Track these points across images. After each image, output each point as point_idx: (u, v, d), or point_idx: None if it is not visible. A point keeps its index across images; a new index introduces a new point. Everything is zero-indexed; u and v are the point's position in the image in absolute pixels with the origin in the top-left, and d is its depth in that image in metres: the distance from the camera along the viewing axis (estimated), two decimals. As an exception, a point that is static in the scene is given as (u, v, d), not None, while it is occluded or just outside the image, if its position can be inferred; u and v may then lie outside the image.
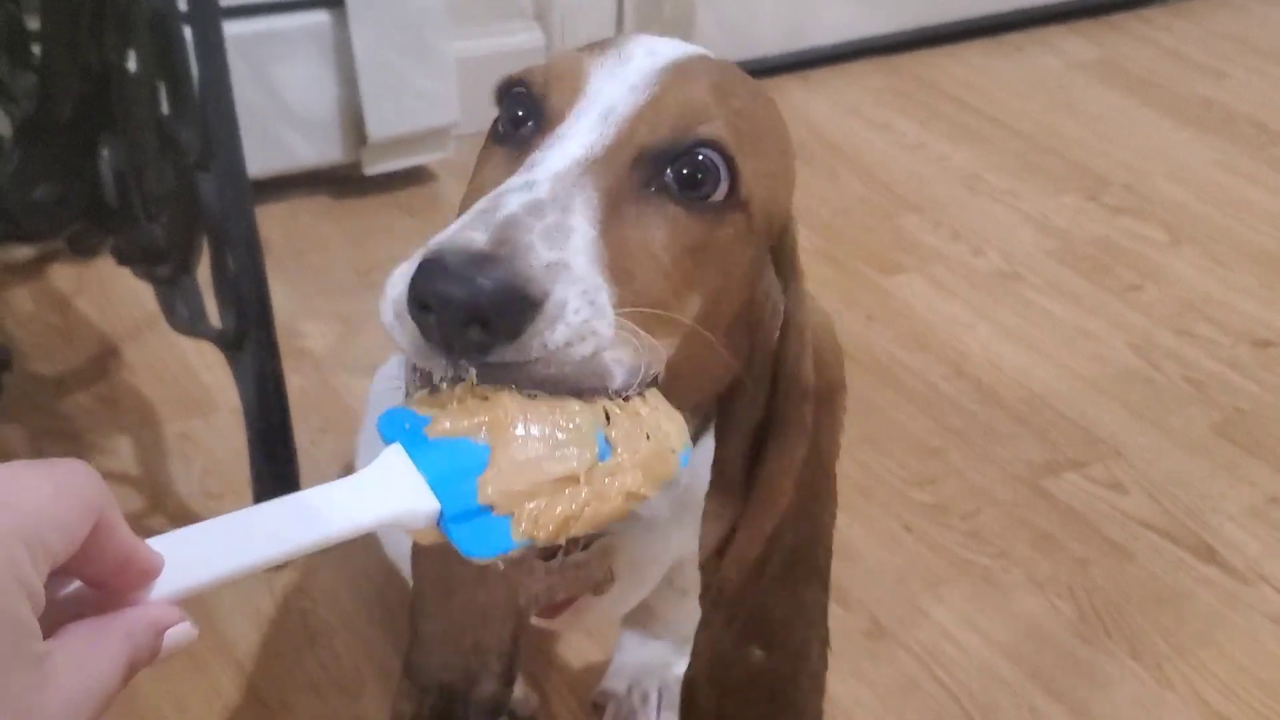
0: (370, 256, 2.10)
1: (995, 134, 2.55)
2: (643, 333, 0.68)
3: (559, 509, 0.62)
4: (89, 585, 0.53)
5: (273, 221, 2.11)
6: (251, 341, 1.47)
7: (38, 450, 1.67)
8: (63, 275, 2.01)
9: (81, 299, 1.96)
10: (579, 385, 0.66)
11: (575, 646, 1.44)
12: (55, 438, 1.69)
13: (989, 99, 2.69)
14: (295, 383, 1.59)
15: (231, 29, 1.37)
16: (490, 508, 0.61)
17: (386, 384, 1.19)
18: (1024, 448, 1.73)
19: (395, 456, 0.62)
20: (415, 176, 2.31)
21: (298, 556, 0.57)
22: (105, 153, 1.56)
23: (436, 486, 0.61)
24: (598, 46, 0.80)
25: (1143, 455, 1.72)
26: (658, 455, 0.66)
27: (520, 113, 0.77)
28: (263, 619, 1.45)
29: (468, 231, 0.65)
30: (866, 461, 1.70)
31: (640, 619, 1.34)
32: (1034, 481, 1.68)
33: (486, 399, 0.64)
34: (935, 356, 1.90)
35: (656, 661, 1.34)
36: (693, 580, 1.24)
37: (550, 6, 2.42)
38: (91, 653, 0.51)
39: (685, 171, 0.75)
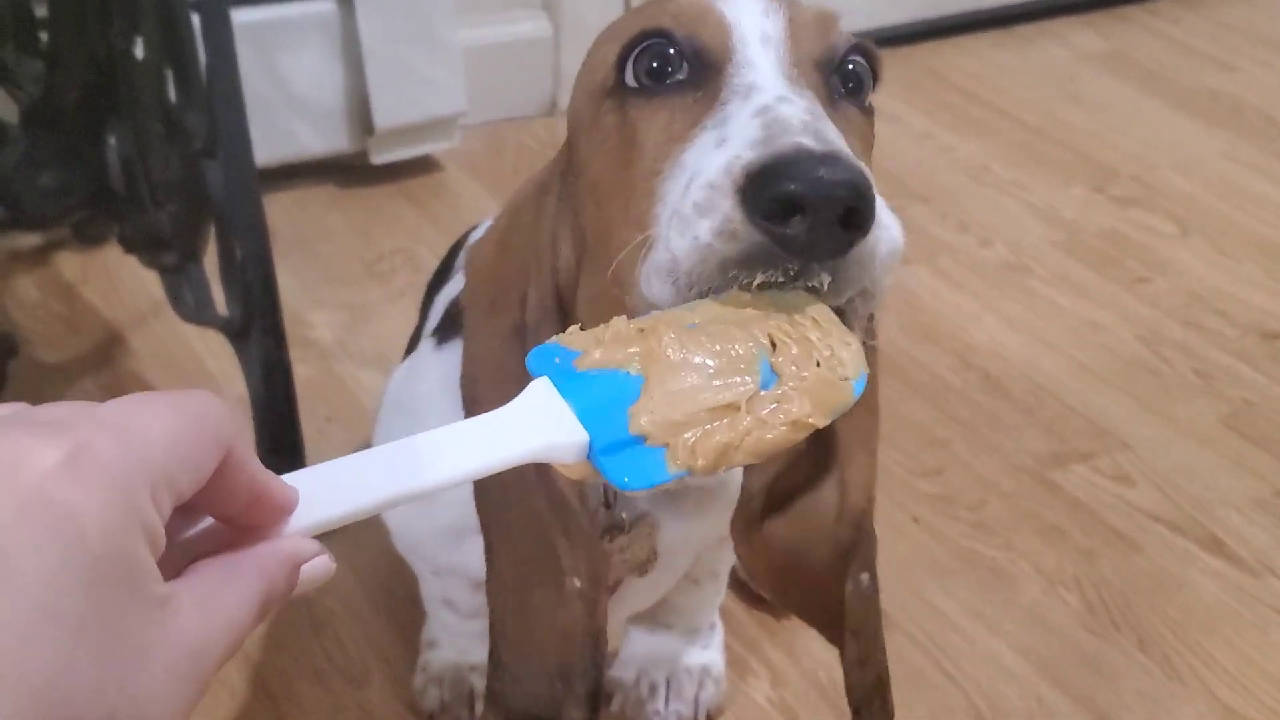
0: (377, 246, 2.10)
1: (1003, 125, 2.55)
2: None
3: (717, 437, 0.58)
4: (221, 521, 0.51)
5: (279, 210, 2.10)
6: (258, 330, 1.46)
7: (43, 438, 1.67)
8: (68, 263, 2.01)
9: (87, 287, 1.96)
10: (875, 289, 0.67)
11: (581, 636, 1.44)
12: (61, 425, 1.69)
13: (997, 90, 2.68)
14: (301, 372, 1.59)
15: (238, 17, 1.37)
16: (643, 438, 0.58)
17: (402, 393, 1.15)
18: (1031, 439, 1.73)
19: (542, 389, 0.59)
20: (422, 166, 2.30)
21: (439, 491, 0.54)
22: (112, 140, 1.57)
23: (585, 418, 0.58)
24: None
25: (1150, 447, 1.72)
26: (827, 382, 0.62)
27: (659, 63, 0.75)
28: (268, 607, 1.45)
29: (785, 138, 0.64)
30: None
31: (651, 612, 1.33)
32: (1041, 473, 1.67)
33: (643, 331, 0.61)
34: (942, 348, 1.90)
35: (665, 652, 1.34)
36: (707, 570, 1.24)
37: (557, -4, 2.42)
38: (220, 591, 0.48)
39: (845, 79, 0.77)
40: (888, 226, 0.66)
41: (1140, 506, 1.62)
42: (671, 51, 0.75)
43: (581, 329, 0.63)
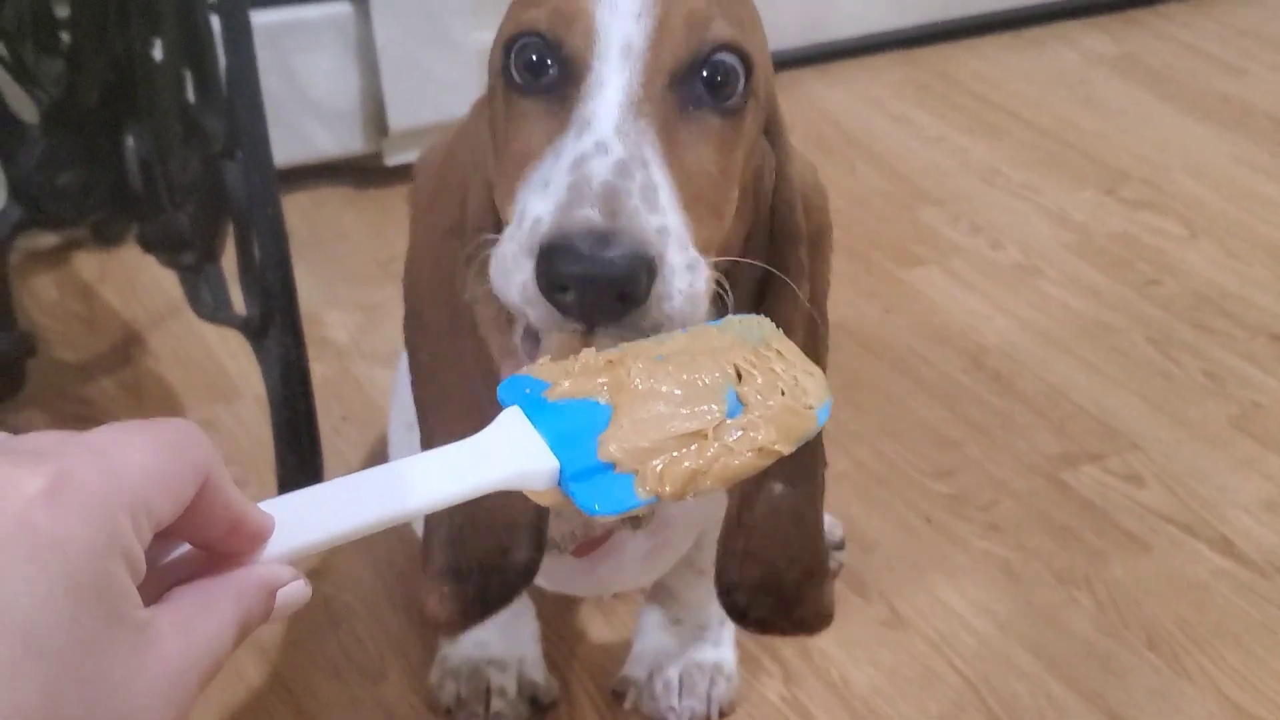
0: (391, 246, 2.11)
1: (1014, 128, 2.56)
2: (709, 263, 0.76)
3: (685, 464, 0.60)
4: (198, 548, 0.52)
5: (295, 211, 2.11)
6: (276, 329, 1.48)
7: (62, 436, 1.68)
8: (87, 263, 2.03)
9: (106, 286, 1.98)
10: (682, 324, 0.73)
11: (595, 632, 1.45)
12: (79, 424, 1.69)
13: (1008, 93, 2.69)
14: (318, 371, 1.61)
15: (255, 19, 1.38)
16: (612, 465, 0.60)
17: None
18: (1042, 440, 1.74)
19: (513, 418, 0.61)
20: (436, 167, 2.31)
21: (412, 519, 0.57)
22: (131, 140, 1.58)
23: (556, 446, 0.60)
24: None
25: (1160, 448, 1.73)
26: (792, 410, 0.64)
27: (534, 60, 0.79)
28: (285, 604, 1.46)
29: (577, 210, 0.70)
30: (885, 452, 1.71)
31: (659, 601, 1.35)
32: (1052, 473, 1.68)
33: (611, 363, 0.64)
34: (953, 349, 1.91)
35: (676, 648, 1.35)
36: (710, 560, 1.24)
37: (571, -2, 2.43)
38: (199, 617, 0.49)
39: (710, 78, 0.79)
40: (679, 289, 0.72)
41: (1151, 507, 1.63)
42: (543, 49, 0.79)
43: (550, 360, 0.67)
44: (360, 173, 2.29)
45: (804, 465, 0.99)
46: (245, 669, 1.39)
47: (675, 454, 0.60)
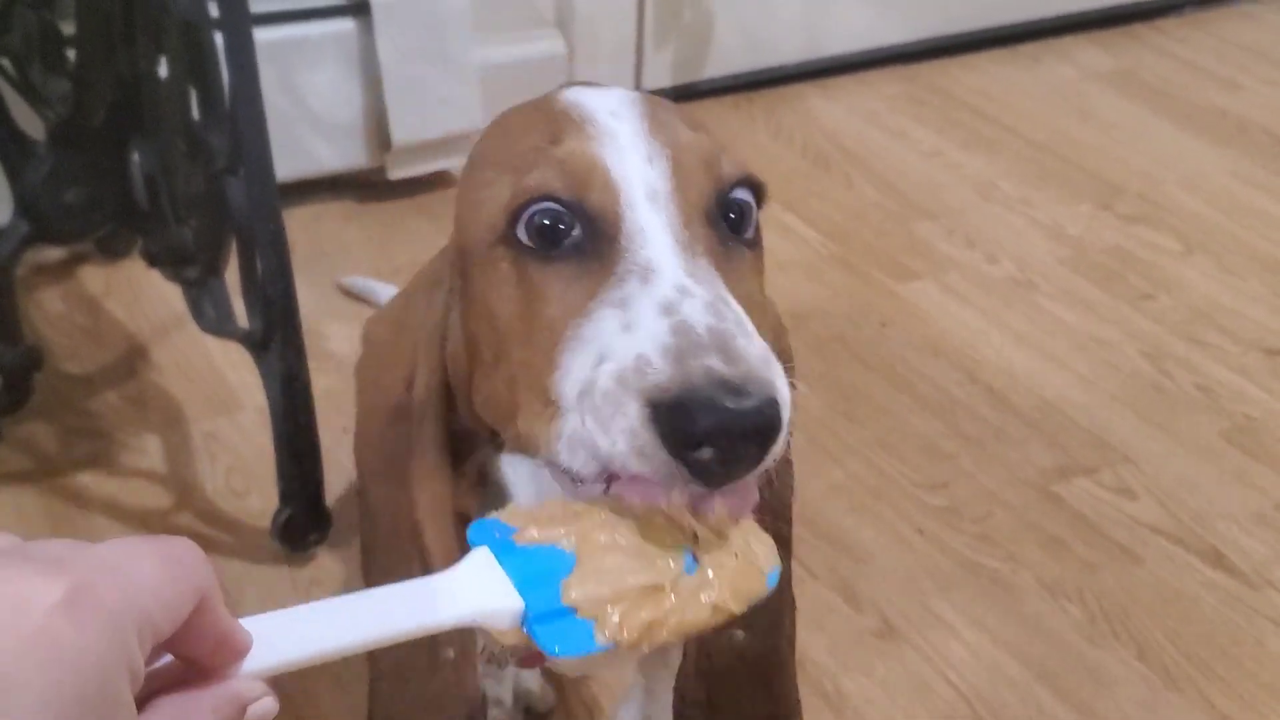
0: (394, 260, 2.13)
1: (1010, 142, 2.58)
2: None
3: (643, 615, 0.62)
4: (181, 659, 0.54)
5: (297, 225, 2.13)
6: (278, 342, 1.49)
7: (67, 448, 1.70)
8: (92, 276, 2.05)
9: (111, 300, 2.00)
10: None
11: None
12: (84, 436, 1.72)
13: (1004, 108, 2.71)
14: (319, 384, 1.62)
15: (258, 36, 1.40)
16: (574, 609, 0.62)
17: None
18: (1035, 453, 1.76)
19: (482, 557, 0.64)
20: (438, 181, 2.34)
21: (380, 646, 0.59)
22: (136, 157, 1.60)
23: (521, 587, 0.62)
24: (555, 128, 0.78)
25: (1152, 461, 1.75)
26: (745, 573, 0.66)
27: (550, 223, 0.74)
28: (287, 614, 1.48)
29: (697, 360, 0.64)
30: (879, 464, 1.72)
31: (639, 686, 1.28)
32: (1044, 486, 1.70)
33: (576, 513, 0.66)
34: (948, 362, 1.93)
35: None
36: (675, 655, 1.21)
37: (572, 15, 2.45)
38: None
39: (732, 216, 0.77)
40: (785, 403, 0.66)
41: (1142, 519, 1.65)
42: (561, 213, 0.74)
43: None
44: (363, 187, 2.31)
45: (770, 612, 0.95)
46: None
47: (634, 604, 0.62)
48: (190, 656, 0.54)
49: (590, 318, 0.70)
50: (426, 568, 0.83)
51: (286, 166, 1.81)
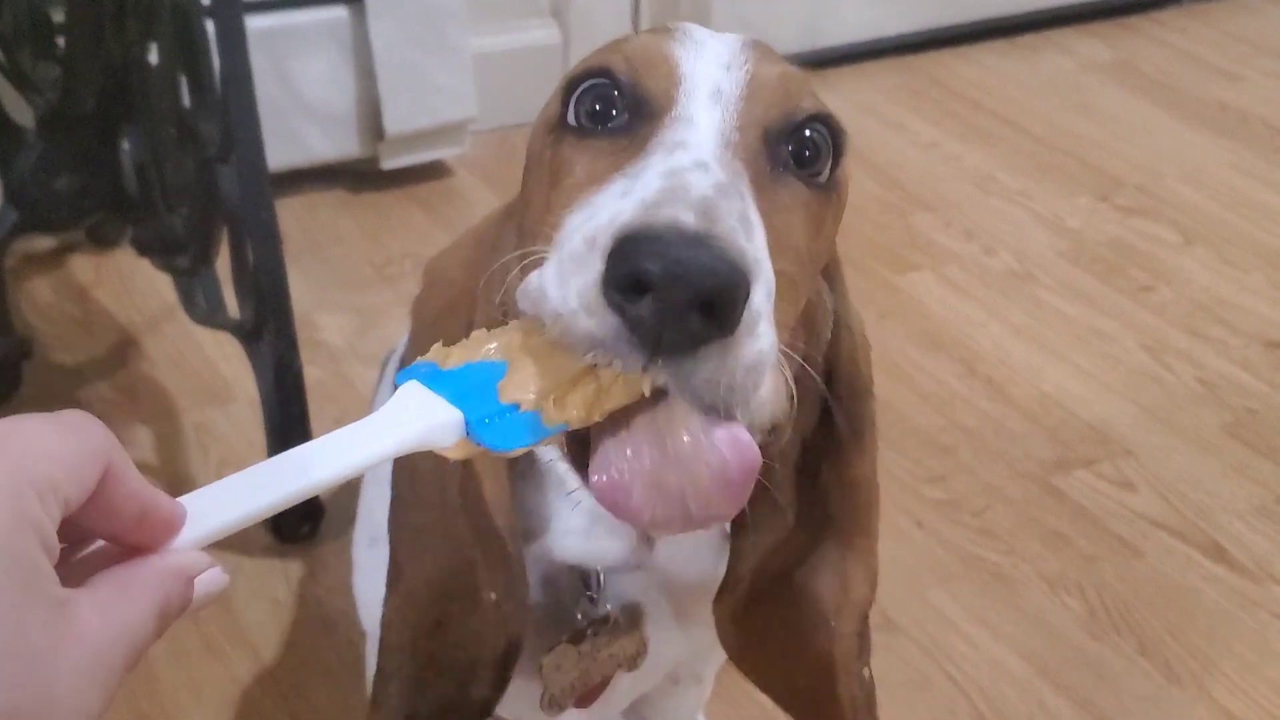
0: (386, 250, 2.11)
1: (1009, 134, 2.56)
2: (785, 369, 0.65)
3: (587, 389, 0.61)
4: (110, 541, 0.52)
5: (290, 215, 2.12)
6: (270, 332, 1.48)
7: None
8: (82, 266, 2.03)
9: (101, 290, 1.98)
10: (744, 398, 0.61)
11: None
12: (74, 427, 1.70)
13: (1003, 100, 2.70)
14: (311, 374, 1.61)
15: (251, 23, 1.39)
16: (515, 405, 0.61)
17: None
18: (1035, 446, 1.74)
19: (412, 388, 0.62)
20: (432, 171, 2.32)
21: (324, 490, 0.56)
22: (126, 144, 1.58)
23: (457, 401, 0.61)
24: (648, 34, 0.77)
25: (1153, 454, 1.73)
26: None
27: (600, 105, 0.72)
28: (279, 607, 1.47)
29: (667, 209, 0.59)
30: (878, 457, 1.70)
31: (626, 711, 1.27)
32: (1044, 479, 1.69)
33: (499, 332, 0.64)
34: (947, 355, 1.91)
35: None
36: (689, 671, 1.18)
37: (568, 4, 2.43)
38: (119, 600, 0.49)
39: (799, 149, 0.72)
40: (759, 336, 0.60)
41: (1143, 513, 1.64)
42: (614, 94, 0.72)
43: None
44: (356, 177, 2.29)
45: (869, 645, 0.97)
46: (239, 671, 1.39)
47: (572, 388, 0.61)
48: (115, 533, 0.51)
49: (605, 187, 0.66)
50: (482, 522, 0.81)
51: (279, 156, 1.80)
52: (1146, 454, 1.73)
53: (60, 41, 1.56)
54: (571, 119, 0.74)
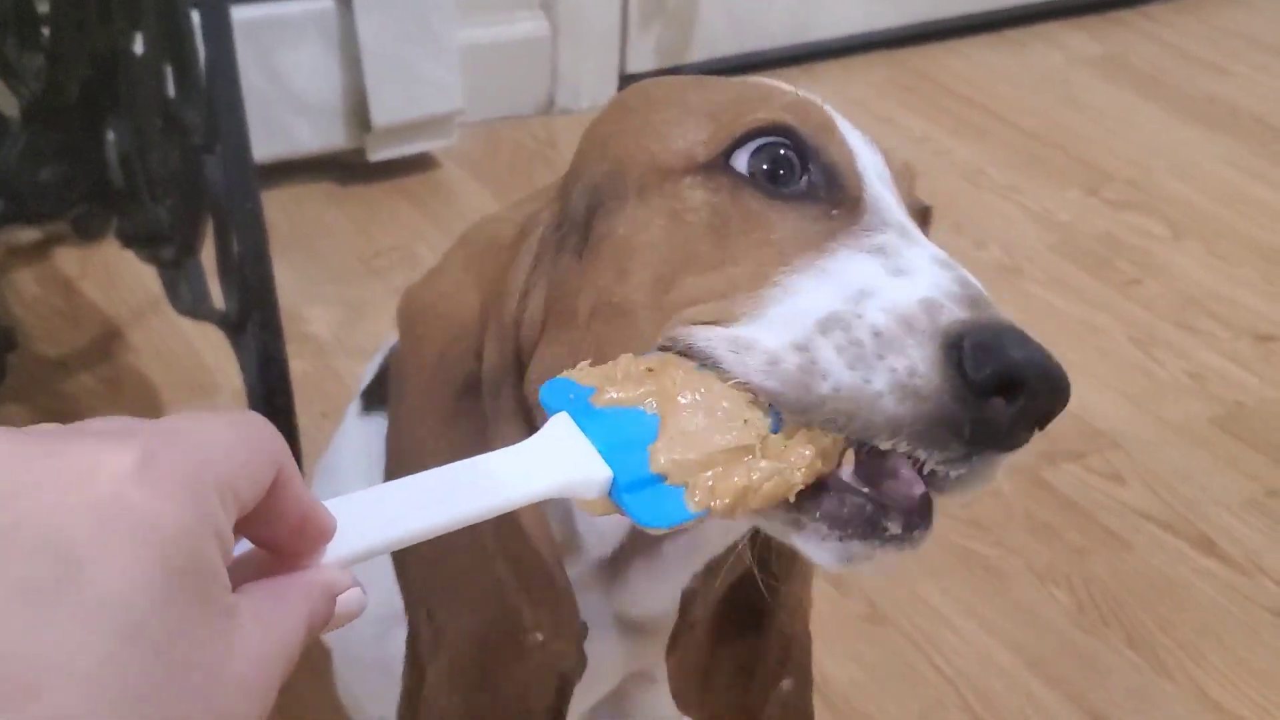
0: (374, 243, 2.11)
1: (998, 129, 2.56)
2: None
3: (736, 478, 0.58)
4: (262, 545, 0.50)
5: (277, 207, 2.11)
6: (255, 324, 1.47)
7: (41, 431, 1.67)
8: (67, 258, 2.02)
9: (86, 281, 1.97)
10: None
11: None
12: (59, 419, 1.67)
13: (992, 94, 2.69)
14: (298, 367, 1.60)
15: (237, 14, 1.38)
16: (663, 476, 0.58)
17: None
18: (1024, 438, 1.74)
19: (563, 425, 0.59)
20: (419, 163, 2.31)
21: (468, 524, 0.54)
22: (111, 135, 1.57)
23: (607, 455, 0.58)
24: (762, 90, 0.75)
25: (1142, 447, 1.73)
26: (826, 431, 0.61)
27: (780, 165, 0.69)
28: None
29: (994, 312, 0.60)
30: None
31: (608, 705, 1.22)
32: (1033, 471, 1.68)
33: (652, 370, 0.61)
34: (937, 348, 1.90)
35: None
36: (662, 669, 1.18)
37: (556, -4, 2.43)
38: (275, 609, 0.47)
39: None
40: None
41: (1132, 505, 1.63)
42: (790, 153, 0.69)
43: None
44: (343, 168, 2.28)
45: (803, 659, 0.95)
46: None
47: (725, 469, 0.58)
48: (271, 539, 0.49)
49: (834, 255, 0.64)
50: (525, 558, 0.77)
51: (265, 147, 1.79)
52: (1136, 447, 1.73)
53: (45, 31, 1.55)
54: (744, 169, 0.70)
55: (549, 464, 0.57)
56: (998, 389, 0.57)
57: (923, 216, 0.76)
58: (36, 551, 0.39)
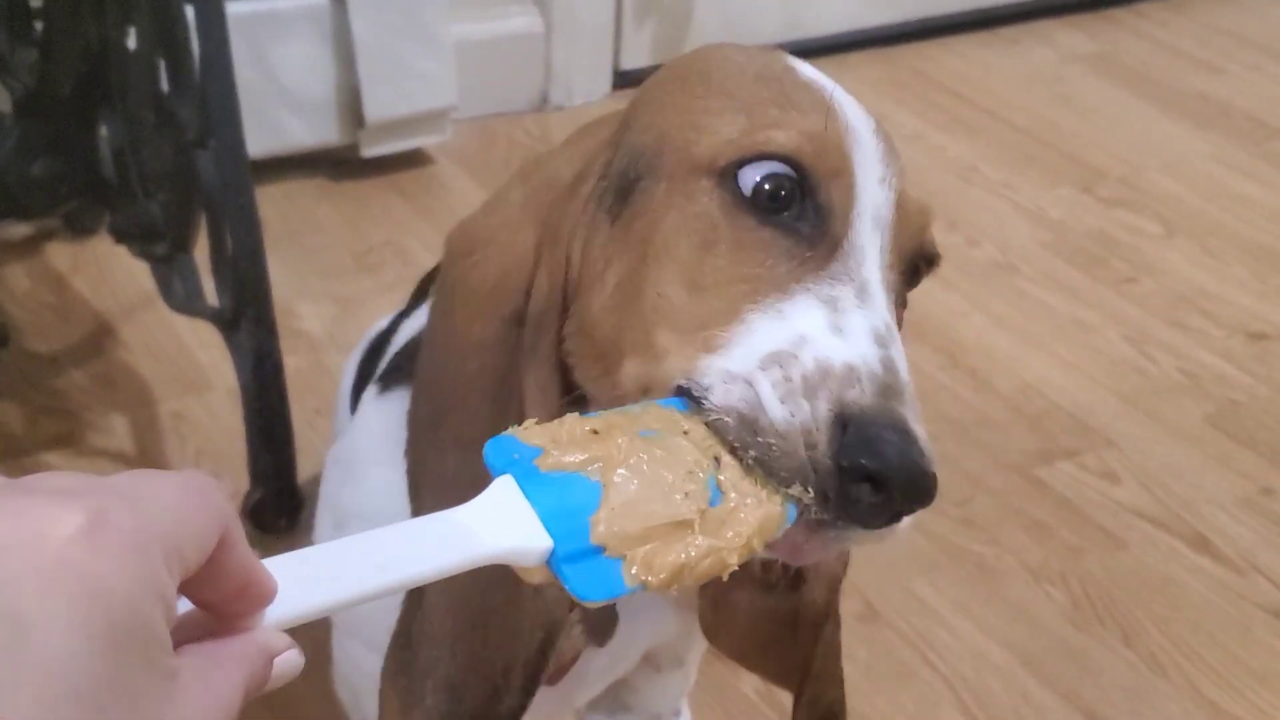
0: (366, 239, 2.10)
1: (991, 126, 2.56)
2: None
3: (672, 556, 0.58)
4: (203, 606, 0.50)
5: (269, 203, 2.10)
6: (249, 320, 1.46)
7: (33, 427, 1.67)
8: (59, 254, 2.01)
9: (78, 277, 1.96)
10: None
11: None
12: (51, 415, 1.69)
13: (985, 91, 2.69)
14: (290, 364, 1.59)
15: (230, 9, 1.37)
16: (602, 548, 0.58)
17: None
18: (1017, 436, 1.74)
19: (507, 488, 0.59)
20: (412, 159, 2.31)
21: (406, 588, 0.55)
22: (104, 130, 1.56)
23: (548, 523, 0.58)
24: (802, 95, 0.75)
25: (1136, 445, 1.73)
26: (768, 504, 0.62)
27: (780, 193, 0.72)
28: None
29: (897, 404, 0.65)
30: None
31: (610, 696, 1.24)
32: (1027, 470, 1.68)
33: (597, 433, 0.61)
34: (930, 346, 1.91)
35: None
36: (670, 655, 1.15)
37: (549, -8, 2.43)
38: (216, 673, 0.48)
39: (910, 275, 0.77)
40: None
41: (1126, 504, 1.63)
42: (794, 186, 0.72)
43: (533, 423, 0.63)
44: (335, 165, 2.28)
45: (835, 601, 0.94)
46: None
47: (663, 543, 0.59)
48: (212, 601, 0.49)
49: (792, 299, 0.69)
50: None
51: (257, 143, 1.78)
52: (1129, 445, 1.73)
53: (38, 25, 1.54)
54: (746, 190, 0.72)
55: (490, 529, 0.57)
56: (863, 479, 0.62)
57: (928, 263, 0.79)
58: None
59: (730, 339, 0.68)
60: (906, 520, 0.66)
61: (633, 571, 0.58)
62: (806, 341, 0.66)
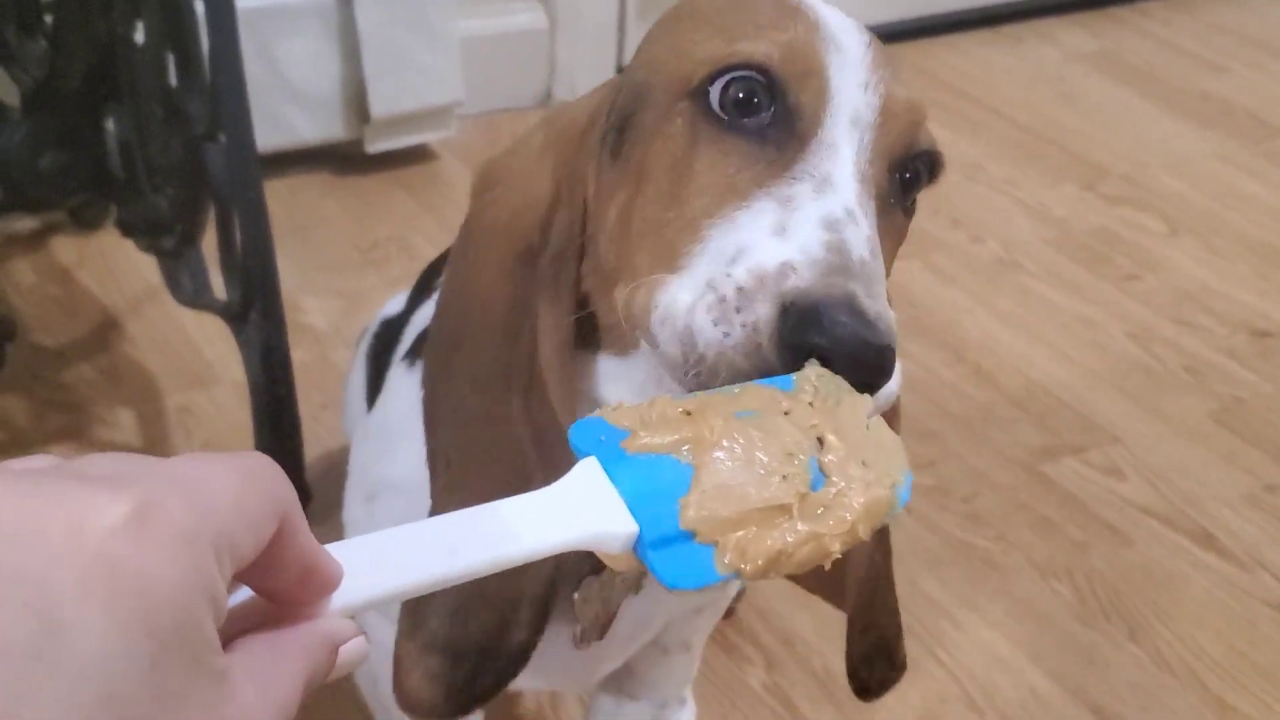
0: (371, 234, 2.10)
1: (995, 124, 2.56)
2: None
3: (768, 542, 0.55)
4: (263, 594, 0.47)
5: (274, 198, 2.08)
6: (257, 314, 1.46)
7: (39, 421, 1.67)
8: (65, 247, 2.01)
9: (84, 271, 1.96)
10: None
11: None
12: (57, 409, 1.69)
13: (988, 89, 2.69)
14: (297, 358, 1.59)
15: (237, 3, 1.37)
16: (692, 534, 0.54)
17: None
18: (1023, 433, 1.74)
19: (591, 471, 0.56)
20: (417, 155, 2.31)
21: (480, 576, 0.52)
22: (111, 123, 1.56)
23: (634, 507, 0.54)
24: (785, 16, 0.75)
25: (1141, 442, 1.73)
26: (874, 486, 0.58)
27: (749, 97, 0.72)
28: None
29: (842, 280, 0.63)
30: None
31: (617, 681, 1.25)
32: (1033, 466, 1.68)
33: (689, 414, 0.58)
34: (935, 342, 1.91)
35: None
36: (677, 639, 1.16)
37: (553, -12, 2.43)
38: (271, 669, 0.45)
39: (906, 179, 0.76)
40: (892, 378, 0.65)
41: (1131, 500, 1.64)
42: (761, 90, 0.72)
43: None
44: (341, 159, 2.28)
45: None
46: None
47: (759, 529, 0.55)
48: (273, 589, 0.47)
49: (750, 205, 0.69)
50: (537, 447, 0.79)
51: (263, 138, 1.76)
52: (1134, 441, 1.73)
53: (47, 18, 1.54)
54: (715, 103, 0.73)
55: (571, 514, 0.54)
56: (814, 355, 0.62)
57: (930, 166, 0.78)
58: (19, 609, 0.37)
59: (690, 258, 0.69)
60: (887, 386, 0.64)
61: (725, 559, 0.54)
62: (744, 253, 0.66)
